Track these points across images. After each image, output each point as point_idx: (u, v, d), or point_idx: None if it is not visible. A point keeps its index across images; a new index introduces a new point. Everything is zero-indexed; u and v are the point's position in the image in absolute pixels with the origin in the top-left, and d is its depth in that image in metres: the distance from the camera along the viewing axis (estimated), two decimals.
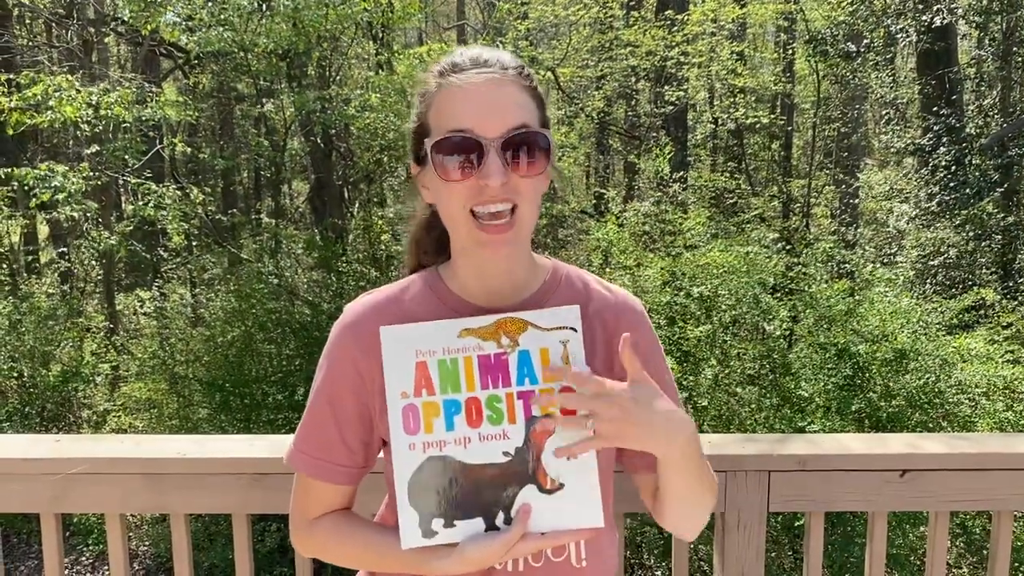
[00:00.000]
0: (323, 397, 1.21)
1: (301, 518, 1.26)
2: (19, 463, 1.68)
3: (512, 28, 10.65)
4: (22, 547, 6.98)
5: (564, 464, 1.11)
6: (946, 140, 9.49)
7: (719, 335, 5.36)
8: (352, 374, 1.19)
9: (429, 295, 1.21)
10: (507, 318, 1.13)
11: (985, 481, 1.67)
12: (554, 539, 1.12)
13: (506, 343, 1.12)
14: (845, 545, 4.68)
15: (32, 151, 11.44)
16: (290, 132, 9.19)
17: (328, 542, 1.24)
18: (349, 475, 1.23)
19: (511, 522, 1.11)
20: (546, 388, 1.11)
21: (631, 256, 5.65)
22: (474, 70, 1.10)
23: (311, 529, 1.25)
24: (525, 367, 1.12)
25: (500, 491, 1.11)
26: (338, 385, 1.20)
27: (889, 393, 4.75)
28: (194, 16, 7.75)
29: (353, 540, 1.22)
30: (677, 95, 10.23)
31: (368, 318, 1.20)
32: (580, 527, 1.12)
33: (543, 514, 1.11)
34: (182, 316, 9.18)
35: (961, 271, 9.07)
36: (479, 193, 1.08)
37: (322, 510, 1.25)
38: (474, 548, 1.09)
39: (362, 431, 1.21)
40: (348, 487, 1.25)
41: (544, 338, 1.12)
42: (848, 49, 10.59)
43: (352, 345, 1.19)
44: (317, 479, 1.22)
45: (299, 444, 1.23)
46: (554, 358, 1.11)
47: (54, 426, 8.13)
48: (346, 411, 1.20)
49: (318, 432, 1.22)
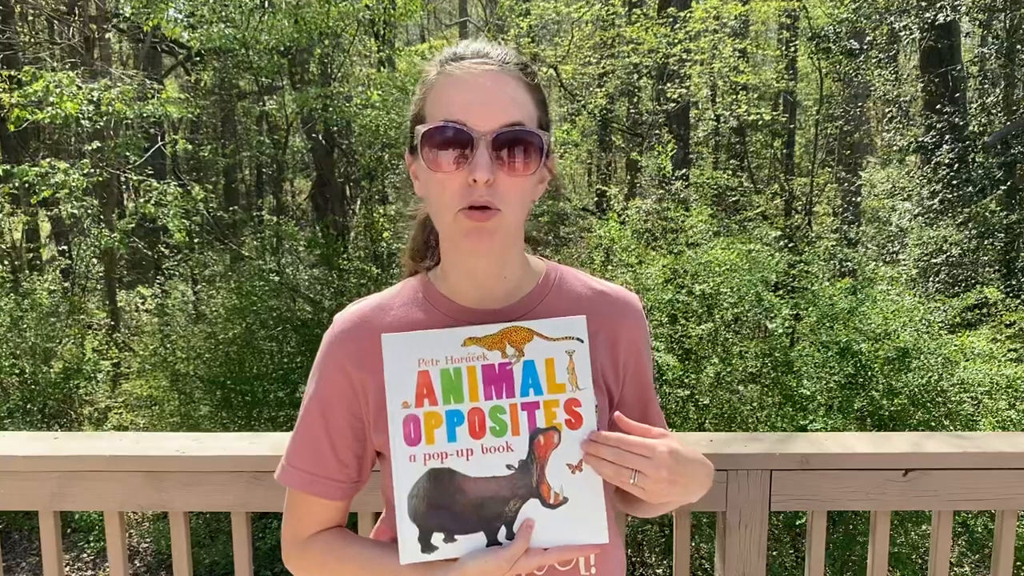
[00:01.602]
0: (314, 410, 1.18)
1: (293, 538, 1.22)
2: (19, 460, 1.68)
3: (514, 25, 10.63)
4: (23, 543, 6.99)
5: (568, 478, 1.09)
6: (949, 138, 9.47)
7: (721, 333, 5.35)
8: (343, 385, 1.16)
9: (420, 299, 1.19)
10: (512, 327, 1.10)
11: (988, 480, 1.66)
12: (558, 555, 1.09)
13: (511, 353, 1.10)
14: (847, 544, 4.67)
15: (34, 148, 11.44)
16: (292, 129, 9.19)
17: (324, 561, 1.20)
18: (342, 490, 1.20)
19: (513, 537, 1.08)
20: (551, 400, 1.09)
21: (633, 254, 5.64)
22: (474, 60, 1.08)
23: (305, 548, 1.21)
24: (530, 378, 1.09)
25: (503, 505, 1.09)
26: (330, 397, 1.17)
27: (891, 392, 4.74)
28: (196, 12, 7.75)
29: (350, 559, 1.18)
30: (679, 92, 10.20)
31: (357, 327, 1.17)
32: (584, 543, 1.09)
33: (546, 529, 1.09)
34: (183, 313, 9.19)
35: (964, 269, 9.06)
36: (467, 194, 1.04)
37: (315, 528, 1.21)
38: (475, 564, 1.06)
39: (355, 444, 1.18)
40: (341, 502, 1.22)
41: (550, 348, 1.10)
42: (851, 46, 10.56)
43: (342, 356, 1.16)
44: (309, 494, 1.19)
45: (290, 459, 1.20)
46: (559, 369, 1.09)
47: (55, 423, 8.14)
48: (338, 424, 1.17)
49: (310, 446, 1.19)
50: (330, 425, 1.17)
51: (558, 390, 1.09)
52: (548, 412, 1.09)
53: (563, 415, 1.09)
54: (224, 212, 9.65)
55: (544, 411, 1.09)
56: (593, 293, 1.22)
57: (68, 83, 6.82)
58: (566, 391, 1.08)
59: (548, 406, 1.09)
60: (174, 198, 7.59)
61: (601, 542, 1.10)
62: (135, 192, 9.19)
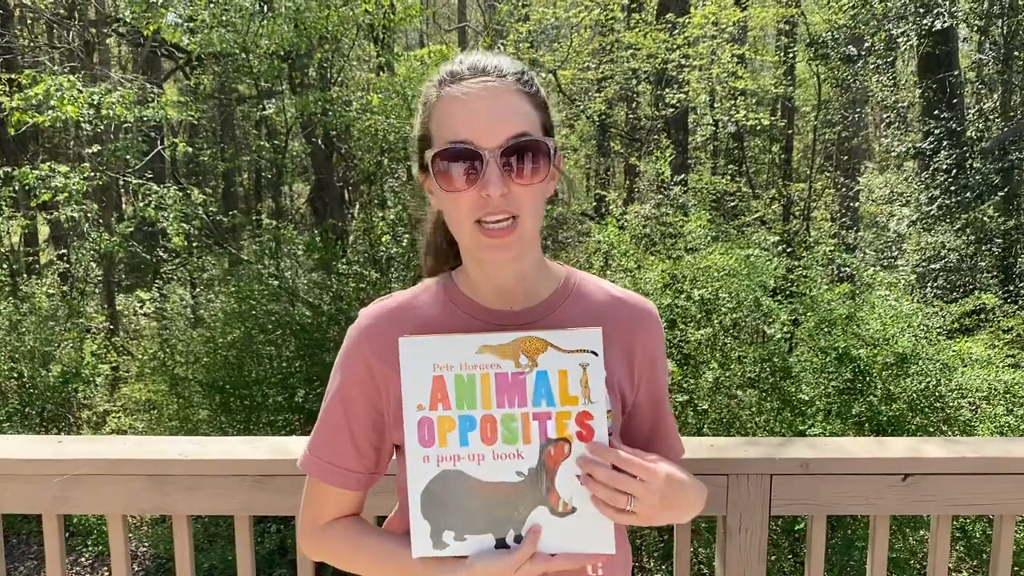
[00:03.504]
0: (337, 402, 1.22)
1: (311, 523, 1.27)
2: (21, 464, 1.68)
3: (513, 30, 10.65)
4: (21, 547, 6.97)
5: (578, 489, 1.10)
6: (947, 144, 9.49)
7: (719, 338, 5.35)
8: (366, 379, 1.20)
9: (442, 299, 1.22)
10: (527, 337, 1.12)
11: (987, 485, 1.67)
12: (564, 562, 1.12)
13: (524, 363, 1.11)
14: (846, 548, 4.68)
15: (33, 151, 11.44)
16: (291, 133, 9.19)
17: (339, 548, 1.25)
18: (359, 480, 1.24)
19: (521, 541, 1.11)
20: (563, 412, 1.10)
21: (632, 259, 5.65)
22: (472, 79, 1.10)
23: (322, 534, 1.26)
24: (543, 388, 1.11)
25: (512, 510, 1.11)
26: (352, 390, 1.21)
27: (890, 397, 4.75)
28: (196, 17, 7.76)
29: (365, 549, 1.22)
30: (678, 98, 10.24)
31: (383, 324, 1.21)
32: (590, 552, 1.12)
33: (554, 536, 1.11)
34: (182, 317, 9.19)
35: (962, 275, 9.08)
36: (482, 205, 1.08)
37: (333, 515, 1.25)
38: (482, 564, 1.10)
39: (374, 436, 1.22)
40: (359, 492, 1.26)
41: (564, 360, 1.11)
42: (849, 52, 10.60)
43: (367, 350, 1.20)
44: (329, 484, 1.23)
45: (313, 449, 1.24)
46: (573, 381, 1.10)
47: (54, 427, 8.13)
48: (359, 417, 1.21)
49: (331, 437, 1.23)
50: (351, 417, 1.21)
51: (571, 402, 1.10)
52: (560, 423, 1.11)
53: (574, 427, 1.10)
54: (223, 216, 9.64)
55: (556, 422, 1.11)
56: (612, 300, 1.25)
57: (69, 86, 6.83)
58: (579, 404, 1.09)
59: (560, 417, 1.10)
60: (173, 202, 7.59)
61: (608, 552, 1.12)
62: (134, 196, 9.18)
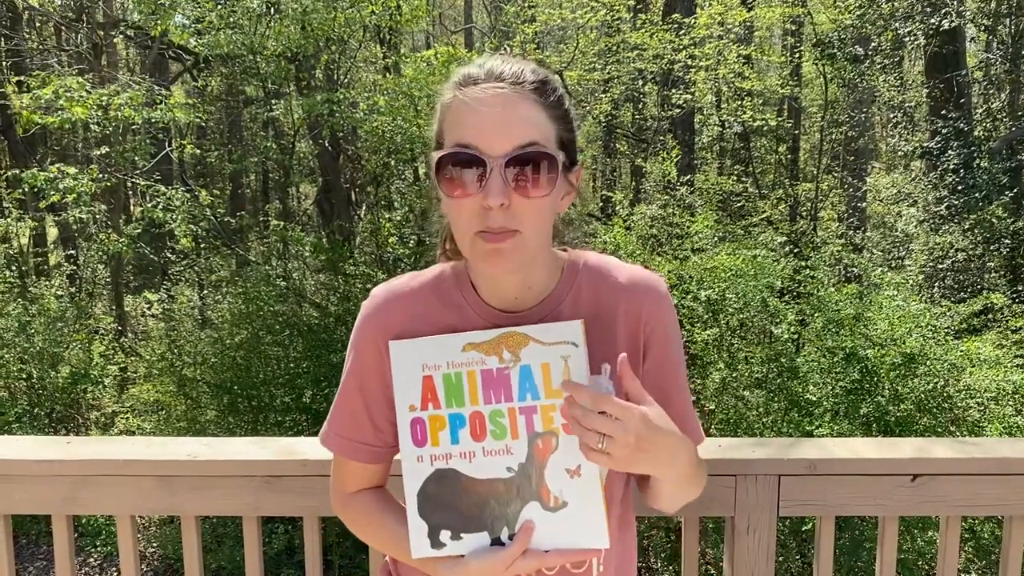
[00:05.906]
0: (352, 380, 1.25)
1: (340, 491, 1.32)
2: (31, 464, 1.69)
3: (519, 31, 10.66)
4: (31, 548, 7.01)
5: (567, 482, 1.10)
6: (954, 143, 9.45)
7: (727, 338, 5.35)
8: (376, 357, 1.22)
9: (453, 294, 1.22)
10: (509, 332, 1.13)
11: (997, 486, 1.66)
12: (558, 557, 1.12)
13: (508, 358, 1.12)
14: (854, 549, 4.66)
15: (41, 154, 11.50)
16: (298, 135, 9.21)
17: (359, 522, 1.30)
18: (377, 454, 1.26)
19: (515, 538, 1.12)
20: (548, 405, 1.11)
21: (638, 259, 5.65)
22: (487, 84, 1.08)
23: (347, 503, 1.31)
24: (527, 382, 1.12)
25: (505, 507, 1.12)
26: (365, 368, 1.23)
27: (897, 397, 4.73)
28: (203, 19, 7.79)
29: (383, 528, 1.26)
30: (684, 98, 10.22)
31: (390, 303, 1.23)
32: (584, 547, 1.11)
33: (546, 532, 1.11)
34: (190, 318, 9.21)
35: (970, 275, 9.04)
36: (484, 217, 1.05)
37: (357, 486, 1.30)
38: (477, 562, 1.11)
39: (389, 412, 1.23)
40: (379, 465, 1.29)
41: (545, 353, 1.11)
42: (856, 52, 10.56)
43: (376, 329, 1.22)
44: (348, 458, 1.27)
45: (332, 426, 1.28)
46: (555, 373, 1.11)
47: (62, 428, 8.16)
48: (374, 393, 1.23)
49: (348, 414, 1.26)
50: (366, 394, 1.24)
51: (555, 395, 1.10)
52: (546, 416, 1.11)
53: (560, 419, 1.10)
54: (231, 217, 9.67)
55: (542, 416, 1.11)
56: (617, 276, 1.23)
57: (78, 88, 6.87)
58: (563, 396, 1.08)
59: (545, 411, 1.11)
60: (181, 203, 7.63)
61: (601, 546, 1.11)
62: (142, 197, 9.22)
